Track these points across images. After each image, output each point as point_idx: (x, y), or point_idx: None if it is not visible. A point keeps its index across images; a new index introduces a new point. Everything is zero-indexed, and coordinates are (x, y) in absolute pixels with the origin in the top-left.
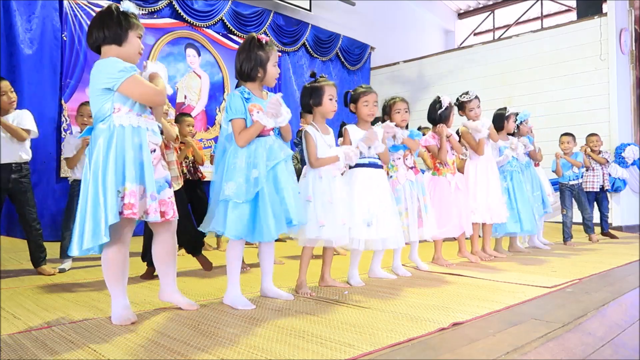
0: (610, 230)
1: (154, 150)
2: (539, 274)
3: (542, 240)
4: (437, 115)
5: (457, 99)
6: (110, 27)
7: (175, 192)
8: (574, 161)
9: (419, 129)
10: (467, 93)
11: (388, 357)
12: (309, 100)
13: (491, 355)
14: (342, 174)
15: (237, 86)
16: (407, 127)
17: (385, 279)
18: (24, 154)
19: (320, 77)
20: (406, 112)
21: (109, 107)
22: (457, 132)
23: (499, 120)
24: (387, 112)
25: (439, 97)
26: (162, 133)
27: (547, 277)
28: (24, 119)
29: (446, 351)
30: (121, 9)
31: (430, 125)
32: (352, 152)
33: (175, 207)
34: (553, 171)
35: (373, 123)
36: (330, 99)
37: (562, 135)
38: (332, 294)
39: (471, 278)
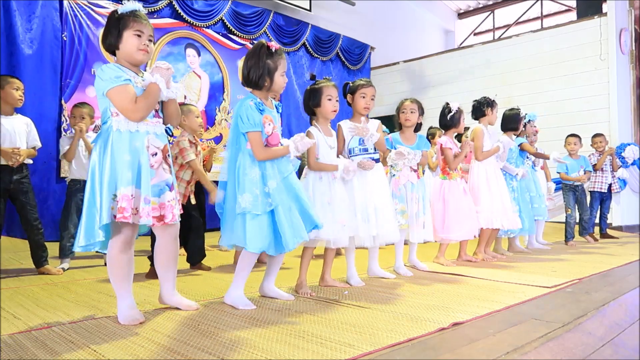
0: (608, 231)
1: (155, 154)
2: (539, 274)
3: (541, 241)
4: (447, 120)
5: (485, 98)
6: (110, 32)
7: (191, 205)
8: (582, 177)
9: (430, 128)
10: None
11: (388, 357)
12: (309, 102)
13: (491, 355)
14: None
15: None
16: (417, 128)
17: (385, 278)
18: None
19: (324, 79)
20: (412, 112)
21: (109, 111)
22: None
23: (513, 121)
24: (397, 112)
25: (447, 103)
26: (172, 135)
27: (547, 277)
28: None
29: (446, 351)
30: (119, 12)
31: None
32: (351, 167)
33: (176, 211)
34: (558, 172)
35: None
36: (330, 99)
37: (569, 136)
38: (332, 294)
39: (471, 278)
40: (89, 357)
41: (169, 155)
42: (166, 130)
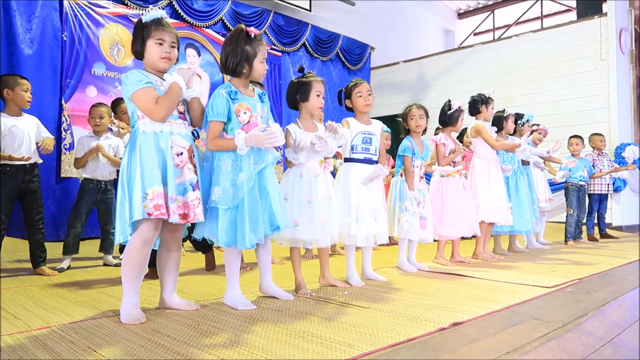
0: (608, 231)
1: (181, 154)
2: (539, 274)
3: (542, 240)
4: (446, 117)
5: (480, 95)
6: (136, 40)
7: None
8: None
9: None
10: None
11: (388, 357)
12: (295, 96)
13: (491, 355)
14: (332, 172)
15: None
16: (424, 132)
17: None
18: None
19: (308, 73)
20: (421, 118)
21: (135, 114)
22: (462, 134)
23: (497, 122)
24: (404, 118)
25: (449, 100)
26: (198, 137)
27: (547, 277)
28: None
29: (446, 351)
30: (143, 21)
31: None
32: (316, 139)
33: (198, 210)
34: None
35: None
36: (318, 95)
37: (571, 137)
38: (332, 294)
39: (471, 278)
40: (89, 357)
41: (194, 156)
42: (192, 133)
